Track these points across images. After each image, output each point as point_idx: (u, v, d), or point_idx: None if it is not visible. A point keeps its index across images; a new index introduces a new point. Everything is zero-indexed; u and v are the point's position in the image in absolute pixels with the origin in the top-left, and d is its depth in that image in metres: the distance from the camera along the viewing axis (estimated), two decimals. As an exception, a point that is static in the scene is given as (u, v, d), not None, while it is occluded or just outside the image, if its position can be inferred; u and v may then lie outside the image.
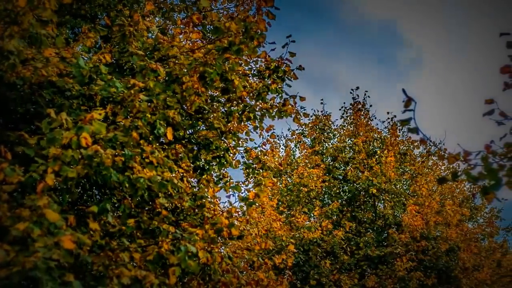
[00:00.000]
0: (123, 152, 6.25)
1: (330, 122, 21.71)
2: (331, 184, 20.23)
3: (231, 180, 9.71)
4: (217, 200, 9.22)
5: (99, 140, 6.16)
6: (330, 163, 20.96)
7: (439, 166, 22.60)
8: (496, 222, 24.68)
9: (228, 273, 7.89)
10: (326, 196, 20.52)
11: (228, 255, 7.77)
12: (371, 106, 21.99)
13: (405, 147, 21.27)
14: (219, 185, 9.15)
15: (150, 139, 7.13)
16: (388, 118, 21.64)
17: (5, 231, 5.16)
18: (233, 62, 7.80)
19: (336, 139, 21.41)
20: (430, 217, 18.88)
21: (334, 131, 21.63)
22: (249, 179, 12.01)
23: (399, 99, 4.83)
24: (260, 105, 8.93)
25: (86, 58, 7.20)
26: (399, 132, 21.14)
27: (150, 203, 7.19)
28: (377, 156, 20.11)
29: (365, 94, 21.75)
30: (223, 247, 8.59)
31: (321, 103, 22.84)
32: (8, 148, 5.84)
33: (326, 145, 21.41)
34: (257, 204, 9.99)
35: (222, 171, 9.22)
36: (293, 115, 9.27)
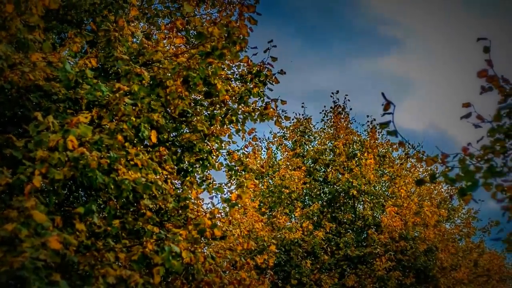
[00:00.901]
0: (108, 154, 6.39)
1: (311, 125, 22.00)
2: (312, 186, 20.50)
3: (214, 182, 9.84)
4: (200, 201, 9.41)
5: (85, 143, 6.28)
6: (311, 165, 21.23)
7: (417, 168, 23.00)
8: (473, 223, 25.12)
9: (211, 273, 8.05)
10: (307, 197, 20.78)
11: (211, 255, 7.94)
12: (351, 109, 22.35)
13: (384, 150, 21.64)
14: (202, 187, 9.27)
15: (135, 141, 7.26)
16: (368, 121, 22.02)
17: (-7, 232, 5.26)
18: (216, 66, 7.94)
19: (316, 142, 21.71)
20: (408, 218, 19.23)
21: (314, 134, 21.93)
22: (231, 181, 12.18)
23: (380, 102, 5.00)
24: (242, 109, 9.09)
25: (72, 63, 7.30)
26: (378, 135, 21.52)
27: (135, 204, 7.31)
28: (356, 159, 20.45)
29: (345, 98, 22.12)
30: (206, 247, 8.74)
31: (302, 106, 23.13)
32: (-4, 151, 5.95)
33: (307, 147, 21.69)
34: (239, 206, 10.16)
35: (205, 173, 9.35)
36: (274, 118, 9.45)
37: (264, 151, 21.91)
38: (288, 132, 21.96)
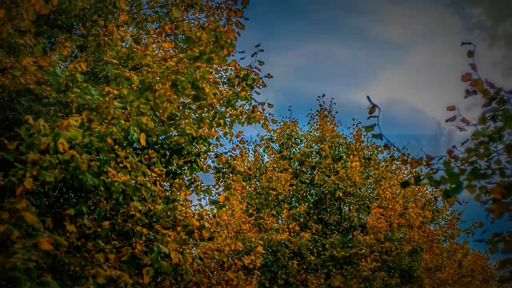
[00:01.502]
0: (98, 157, 6.50)
1: (297, 128, 22.23)
2: (299, 188, 20.72)
3: (202, 184, 9.96)
4: (189, 203, 9.52)
5: (75, 146, 6.38)
6: (298, 168, 21.45)
7: (402, 171, 23.28)
8: (456, 224, 25.43)
9: (199, 273, 8.18)
10: (293, 199, 20.99)
11: (199, 256, 8.09)
12: (336, 112, 22.59)
13: (369, 152, 21.91)
14: (191, 189, 9.38)
15: (124, 144, 7.35)
16: (353, 124, 22.29)
17: (-15, 233, 5.35)
18: (204, 70, 8.06)
19: (303, 145, 21.93)
20: (393, 220, 19.49)
21: (301, 137, 22.15)
22: (219, 183, 12.29)
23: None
24: (230, 112, 9.22)
25: (62, 67, 7.37)
26: (364, 138, 21.79)
27: (125, 206, 7.41)
28: (342, 161, 20.70)
29: (331, 101, 22.39)
30: (194, 248, 8.86)
31: (289, 109, 23.33)
32: (-13, 154, 6.03)
33: (294, 150, 21.90)
34: (227, 207, 10.31)
35: (193, 175, 9.46)
36: (261, 122, 9.60)
37: (251, 153, 22.08)
38: (275, 135, 22.15)
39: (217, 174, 10.24)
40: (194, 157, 8.94)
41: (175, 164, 8.86)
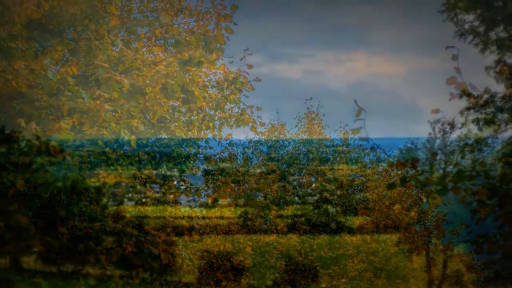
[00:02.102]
0: (89, 159, 6.59)
1: (285, 131, 22.35)
2: (286, 190, 20.83)
3: (192, 186, 10.04)
4: (179, 204, 9.61)
5: (67, 148, 6.46)
6: (285, 170, 21.57)
7: (389, 172, 23.46)
8: (442, 225, 25.55)
9: (189, 274, 8.27)
10: (281, 200, 21.09)
11: (189, 257, 8.17)
12: (324, 115, 22.73)
13: (356, 154, 22.08)
14: (180, 191, 9.47)
15: (115, 147, 7.45)
16: (340, 127, 22.46)
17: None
18: (194, 74, 8.19)
19: (291, 147, 22.06)
20: (380, 221, 19.67)
21: (289, 139, 22.28)
22: (208, 184, 12.40)
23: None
24: (219, 115, 9.34)
25: (54, 70, 7.45)
26: (350, 140, 21.97)
27: (115, 207, 7.49)
28: (329, 163, 20.86)
29: (318, 104, 22.56)
30: (184, 249, 8.93)
31: (277, 112, 23.43)
32: (-20, 156, 6.08)
33: (282, 152, 22.02)
34: (216, 209, 10.42)
35: (183, 177, 9.55)
36: (250, 124, 9.73)
37: (240, 155, 22.14)
38: (263, 137, 22.25)
39: (207, 176, 10.34)
40: (183, 159, 9.03)
41: (165, 166, 8.94)
